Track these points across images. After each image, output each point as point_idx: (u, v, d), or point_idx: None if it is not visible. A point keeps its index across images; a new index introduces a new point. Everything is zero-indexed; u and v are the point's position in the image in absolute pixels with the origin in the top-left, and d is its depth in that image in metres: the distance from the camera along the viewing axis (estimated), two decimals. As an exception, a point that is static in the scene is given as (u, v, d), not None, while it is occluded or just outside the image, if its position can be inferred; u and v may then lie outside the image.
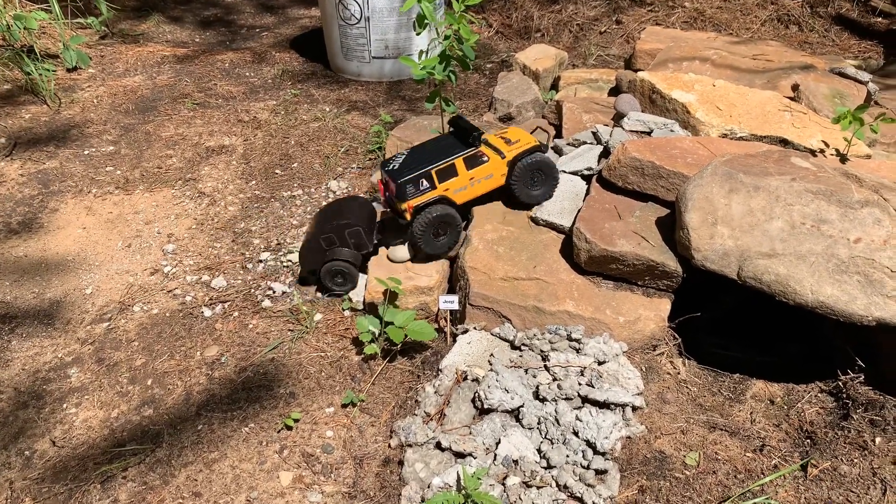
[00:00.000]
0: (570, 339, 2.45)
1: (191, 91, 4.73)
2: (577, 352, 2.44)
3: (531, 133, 2.96)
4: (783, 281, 2.31)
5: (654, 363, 2.52)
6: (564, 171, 2.98)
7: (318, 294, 2.95)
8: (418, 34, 2.90)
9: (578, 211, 2.72)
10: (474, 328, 2.56)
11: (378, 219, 3.02)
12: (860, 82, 3.54)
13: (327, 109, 4.45)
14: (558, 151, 3.13)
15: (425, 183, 2.71)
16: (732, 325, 2.92)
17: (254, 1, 6.54)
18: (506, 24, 5.36)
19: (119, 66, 5.04)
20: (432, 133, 3.39)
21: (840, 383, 2.51)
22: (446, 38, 2.83)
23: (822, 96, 3.20)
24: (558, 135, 3.52)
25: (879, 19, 5.32)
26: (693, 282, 2.59)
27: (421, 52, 3.16)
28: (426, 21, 2.86)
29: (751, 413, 2.50)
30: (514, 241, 2.73)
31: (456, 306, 2.58)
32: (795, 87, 3.27)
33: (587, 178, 2.96)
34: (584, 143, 3.11)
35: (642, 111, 3.20)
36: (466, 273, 2.62)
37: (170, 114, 4.45)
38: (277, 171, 3.88)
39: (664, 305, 2.56)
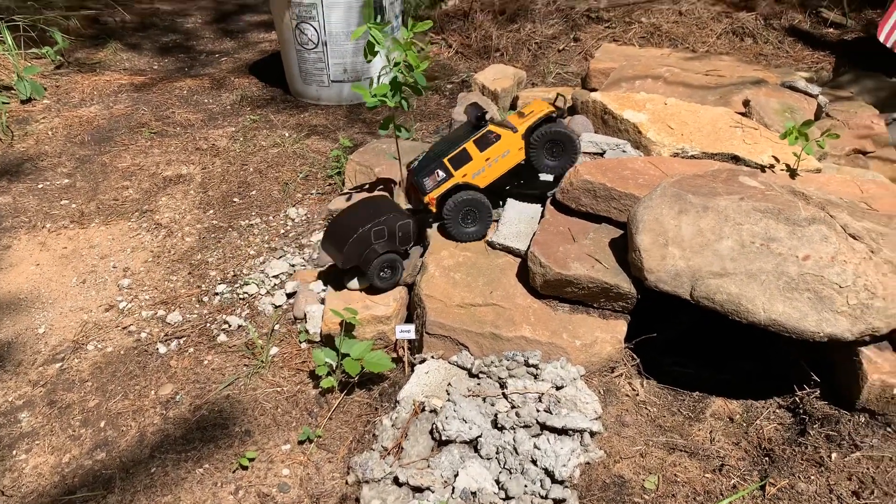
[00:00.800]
0: (527, 364, 2.44)
1: (148, 120, 4.67)
2: (535, 378, 2.43)
3: (553, 100, 2.95)
4: (735, 300, 2.32)
5: (612, 385, 2.52)
6: (522, 193, 2.98)
7: (351, 288, 2.82)
8: (368, 61, 2.89)
9: (534, 234, 2.71)
10: (432, 357, 2.54)
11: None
12: (810, 95, 3.59)
13: (287, 135, 4.43)
14: (514, 174, 3.13)
15: (441, 173, 2.75)
16: (692, 342, 2.93)
17: (213, 26, 6.51)
18: (465, 44, 5.38)
19: (75, 96, 4.98)
20: (388, 159, 3.38)
21: (797, 399, 2.53)
22: (396, 65, 2.82)
23: (772, 111, 3.24)
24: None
25: (831, 30, 5.42)
26: (651, 301, 2.60)
27: (371, 80, 3.15)
28: (377, 48, 2.85)
29: (710, 432, 2.50)
30: (470, 266, 2.72)
31: (413, 335, 2.56)
32: (747, 103, 3.31)
33: (543, 201, 2.96)
34: (540, 164, 3.11)
35: (596, 132, 3.22)
36: (423, 301, 2.60)
37: (127, 144, 4.39)
38: (236, 199, 3.84)
39: (620, 327, 2.56)
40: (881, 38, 4.53)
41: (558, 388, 2.40)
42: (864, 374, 2.30)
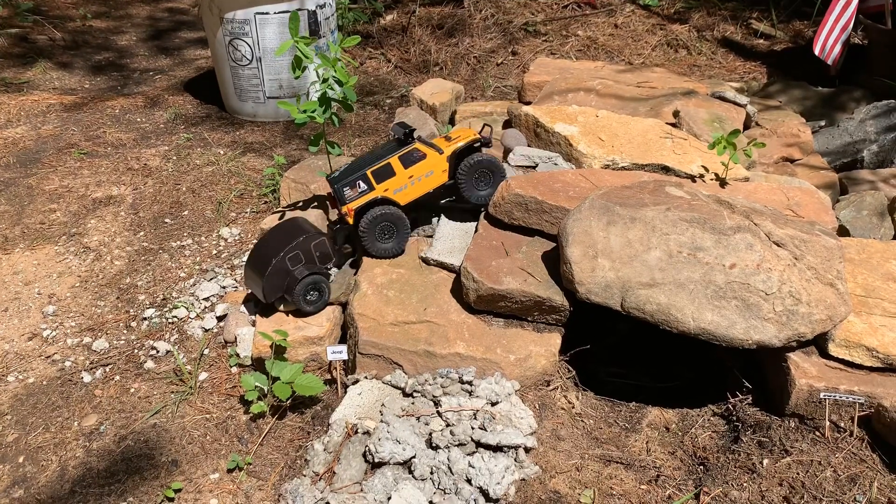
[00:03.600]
0: (461, 381, 2.41)
1: (78, 140, 4.53)
2: (470, 394, 2.39)
3: (480, 130, 2.96)
4: (665, 310, 2.33)
5: (547, 399, 2.50)
6: (455, 207, 2.96)
7: (282, 309, 2.75)
8: (297, 77, 2.84)
9: (467, 249, 2.69)
10: (365, 377, 2.49)
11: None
12: (739, 105, 3.66)
13: (221, 152, 4.34)
14: (449, 188, 3.11)
15: (363, 185, 2.72)
16: (630, 351, 2.94)
17: (149, 43, 6.37)
18: (404, 58, 5.36)
19: (0, 117, 4.80)
20: (320, 176, 3.33)
21: (730, 406, 2.55)
22: (324, 81, 2.78)
23: (701, 121, 3.30)
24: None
25: (761, 41, 5.56)
26: (588, 311, 2.59)
27: (298, 97, 3.10)
28: (305, 63, 2.81)
29: (647, 442, 2.50)
30: (404, 283, 2.68)
31: (345, 356, 2.51)
32: (677, 114, 3.36)
33: (477, 215, 2.94)
34: (474, 178, 3.10)
35: (529, 145, 3.22)
36: (355, 320, 2.55)
37: (54, 165, 4.25)
38: (167, 220, 3.74)
39: (554, 340, 2.55)
40: (816, 51, 4.66)
41: (493, 405, 2.38)
42: (792, 380, 2.33)
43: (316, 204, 3.31)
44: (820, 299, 2.29)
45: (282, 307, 2.74)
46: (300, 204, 3.32)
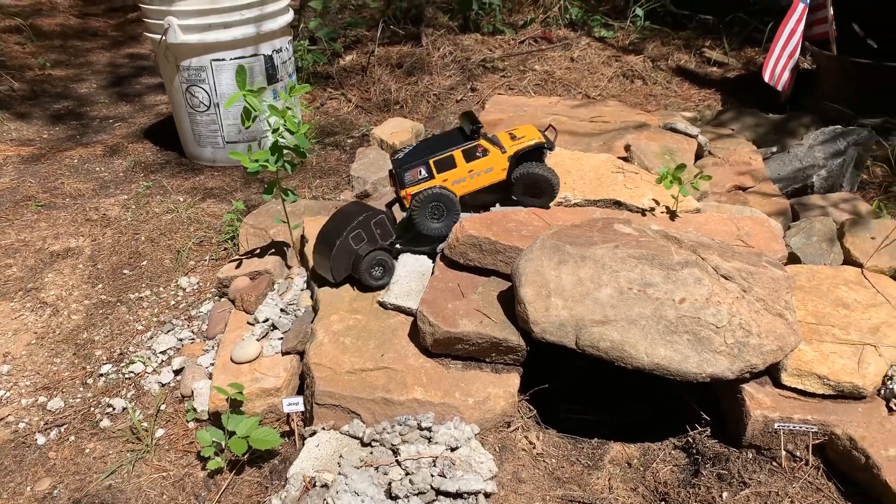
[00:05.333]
0: (420, 428, 2.39)
1: (35, 192, 4.48)
2: (429, 441, 2.38)
3: (544, 129, 3.01)
4: (619, 346, 2.34)
5: (508, 441, 2.49)
6: (412, 250, 2.96)
7: (238, 360, 2.74)
8: (247, 127, 2.85)
9: (424, 292, 2.69)
10: (323, 428, 2.47)
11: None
12: (690, 136, 3.73)
13: (181, 200, 4.32)
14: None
15: (424, 172, 2.80)
16: (590, 387, 2.95)
17: (109, 90, 6.35)
18: (365, 97, 5.40)
19: (-45, 171, 4.74)
20: (276, 223, 3.33)
21: (689, 439, 2.56)
22: (275, 130, 2.79)
23: (652, 154, 3.35)
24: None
25: (714, 69, 5.68)
26: (546, 349, 2.60)
27: (259, 140, 3.11)
28: (254, 114, 2.82)
29: (609, 479, 2.50)
30: (361, 329, 2.67)
31: (301, 408, 2.48)
32: (628, 148, 3.41)
33: (434, 257, 2.95)
34: (430, 219, 3.11)
35: (484, 184, 3.24)
36: (311, 370, 2.53)
37: (10, 219, 4.19)
38: (126, 271, 3.70)
39: (513, 380, 2.55)
40: (766, 78, 4.77)
41: (453, 450, 2.36)
42: (747, 411, 2.35)
43: (274, 251, 3.31)
44: (770, 330, 2.32)
45: (240, 355, 2.71)
46: (257, 251, 3.31)
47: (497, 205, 2.98)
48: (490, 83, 5.40)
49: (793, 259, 2.96)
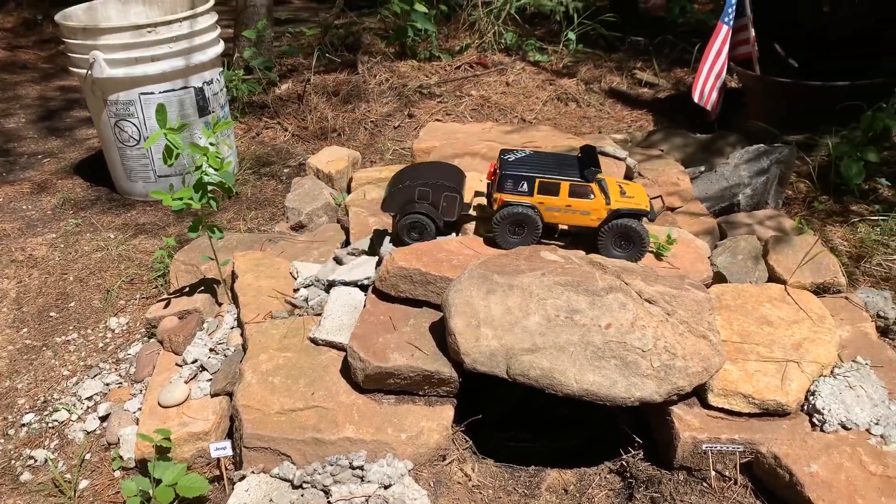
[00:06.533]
0: (352, 467, 2.35)
1: (-43, 234, 4.32)
2: (362, 480, 2.34)
3: (653, 197, 2.96)
4: (548, 374, 2.35)
5: (443, 475, 2.47)
6: (344, 283, 2.94)
7: (165, 404, 2.66)
8: (169, 165, 2.80)
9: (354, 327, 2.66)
10: (252, 472, 2.41)
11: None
12: (619, 159, 3.80)
13: (112, 237, 4.21)
14: (338, 261, 3.09)
15: (525, 186, 2.76)
16: (527, 414, 2.95)
17: (38, 124, 6.18)
18: (302, 126, 5.36)
19: None
20: (203, 260, 3.26)
21: (623, 462, 2.58)
22: (198, 167, 2.75)
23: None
24: (347, 241, 3.50)
25: (646, 89, 5.82)
26: (482, 378, 2.58)
27: (184, 178, 3.05)
28: (177, 151, 2.77)
29: (545, 508, 2.49)
30: (291, 367, 2.63)
31: (229, 452, 2.42)
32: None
33: (367, 289, 2.92)
34: (364, 251, 3.10)
35: (416, 213, 3.24)
36: (239, 413, 2.48)
37: (-70, 263, 4.03)
38: (53, 313, 3.58)
39: (447, 413, 2.53)
40: (695, 98, 4.90)
41: (386, 488, 2.33)
42: (676, 433, 2.38)
43: (203, 288, 3.24)
44: (694, 352, 2.36)
45: (167, 398, 2.64)
46: (186, 289, 3.24)
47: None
48: (427, 109, 5.43)
49: (719, 278, 3.02)
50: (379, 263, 2.92)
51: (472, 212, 3.05)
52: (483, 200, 3.08)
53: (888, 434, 2.33)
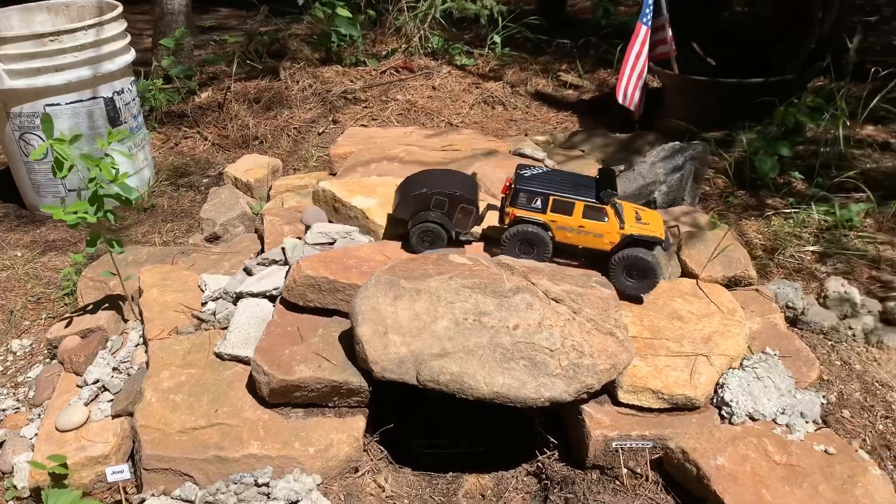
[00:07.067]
0: (257, 484, 2.27)
1: None
2: (268, 497, 2.26)
3: (670, 226, 2.89)
4: (458, 378, 2.31)
5: (354, 488, 2.41)
6: (251, 294, 2.85)
7: (62, 428, 2.53)
8: (61, 178, 2.67)
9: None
10: (152, 495, 2.30)
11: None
12: (537, 160, 3.80)
13: (18, 255, 4.02)
14: (248, 272, 3.00)
15: (539, 203, 2.70)
16: (444, 419, 2.90)
17: (-55, 140, 5.89)
18: (222, 135, 5.24)
19: None
20: (104, 275, 3.13)
21: (539, 464, 2.55)
22: (91, 180, 2.63)
23: (498, 181, 3.37)
24: (263, 251, 3.40)
25: (570, 91, 5.87)
26: (396, 386, 2.52)
27: (63, 199, 2.92)
28: (68, 164, 2.64)
29: (462, 515, 2.45)
30: (194, 384, 2.53)
31: (127, 476, 2.31)
32: (475, 175, 3.42)
33: (276, 300, 2.84)
34: (275, 261, 3.01)
35: (330, 221, 3.18)
36: (138, 434, 2.37)
37: None
38: (-48, 338, 3.39)
39: (358, 424, 2.47)
40: (619, 98, 4.94)
41: (293, 504, 2.25)
42: (588, 432, 2.37)
43: (108, 305, 3.11)
44: (602, 349, 2.35)
45: (64, 422, 2.51)
46: (90, 307, 3.10)
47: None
48: (352, 115, 5.36)
49: (633, 275, 3.02)
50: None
51: (481, 227, 2.98)
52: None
53: (793, 423, 2.36)
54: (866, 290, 3.23)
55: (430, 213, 2.79)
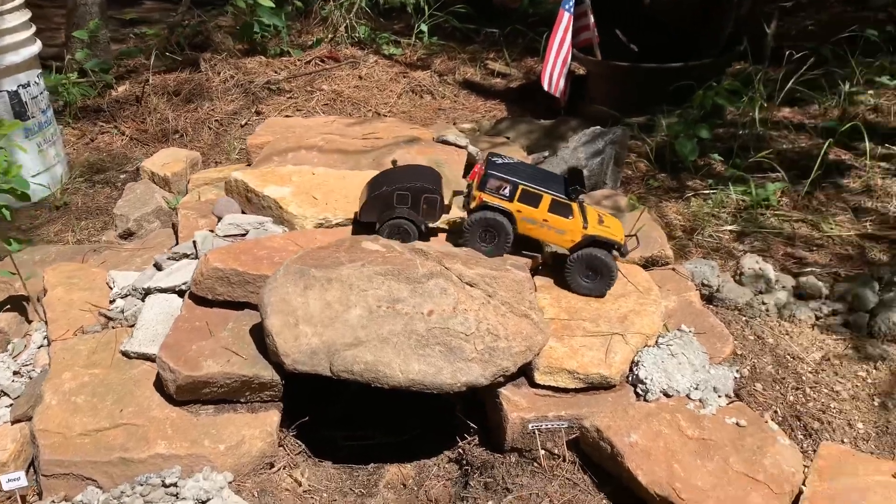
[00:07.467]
0: (165, 485, 2.18)
1: None
2: (176, 497, 2.17)
3: (631, 233, 2.88)
4: (373, 367, 2.27)
5: (269, 484, 2.34)
6: (160, 290, 2.75)
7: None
8: (-52, 173, 2.52)
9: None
10: (52, 501, 2.20)
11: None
12: (460, 147, 3.77)
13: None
14: (158, 267, 2.89)
15: (507, 191, 2.65)
16: (364, 410, 2.85)
17: None
18: (141, 129, 5.06)
19: None
20: (2, 275, 2.98)
21: (460, 450, 2.53)
22: (-20, 173, 2.49)
23: (419, 167, 3.33)
24: (176, 244, 3.29)
25: (498, 79, 5.87)
26: (312, 378, 2.46)
27: None
28: (-44, 157, 2.50)
29: (383, 505, 2.41)
30: (98, 385, 2.42)
31: (24, 483, 2.20)
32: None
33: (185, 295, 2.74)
34: (185, 255, 2.91)
35: (243, 212, 3.09)
36: (37, 438, 2.26)
37: None
38: None
39: (271, 418, 2.40)
40: (544, 86, 4.95)
41: (203, 503, 2.17)
42: (505, 415, 2.35)
43: (10, 306, 2.96)
44: (517, 332, 2.34)
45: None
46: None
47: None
48: (276, 105, 5.25)
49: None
50: (201, 266, 2.75)
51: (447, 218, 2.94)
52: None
53: (706, 398, 2.39)
54: (781, 266, 3.31)
55: (395, 210, 2.75)
